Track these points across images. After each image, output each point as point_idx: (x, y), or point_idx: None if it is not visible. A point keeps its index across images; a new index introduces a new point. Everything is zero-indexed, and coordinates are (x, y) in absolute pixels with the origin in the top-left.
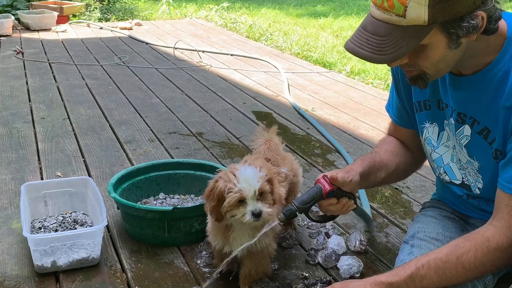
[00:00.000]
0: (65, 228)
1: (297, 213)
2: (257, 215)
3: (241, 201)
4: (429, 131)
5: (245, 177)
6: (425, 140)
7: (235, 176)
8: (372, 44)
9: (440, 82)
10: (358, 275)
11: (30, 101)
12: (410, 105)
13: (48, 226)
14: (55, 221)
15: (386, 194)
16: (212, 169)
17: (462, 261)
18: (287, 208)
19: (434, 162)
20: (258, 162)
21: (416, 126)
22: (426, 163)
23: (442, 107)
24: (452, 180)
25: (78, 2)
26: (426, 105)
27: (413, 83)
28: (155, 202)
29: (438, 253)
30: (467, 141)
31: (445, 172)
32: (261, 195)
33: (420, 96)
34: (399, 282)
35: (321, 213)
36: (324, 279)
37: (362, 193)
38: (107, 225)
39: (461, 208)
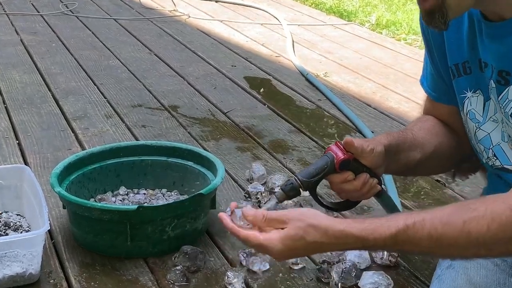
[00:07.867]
0: None
1: (300, 190)
2: None
3: None
4: (472, 102)
5: None
6: (467, 114)
7: None
8: None
9: (478, 35)
10: None
11: None
12: (446, 71)
13: None
14: None
15: (423, 187)
16: (190, 155)
17: (468, 228)
18: (287, 182)
19: (480, 143)
20: None
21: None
22: None
23: (483, 68)
24: (504, 166)
25: None
26: (466, 68)
27: (429, 22)
28: (113, 199)
29: (439, 212)
30: None
31: (494, 155)
32: None
33: (457, 56)
34: (377, 240)
35: (335, 201)
36: None
37: (389, 183)
38: (49, 230)
39: None
